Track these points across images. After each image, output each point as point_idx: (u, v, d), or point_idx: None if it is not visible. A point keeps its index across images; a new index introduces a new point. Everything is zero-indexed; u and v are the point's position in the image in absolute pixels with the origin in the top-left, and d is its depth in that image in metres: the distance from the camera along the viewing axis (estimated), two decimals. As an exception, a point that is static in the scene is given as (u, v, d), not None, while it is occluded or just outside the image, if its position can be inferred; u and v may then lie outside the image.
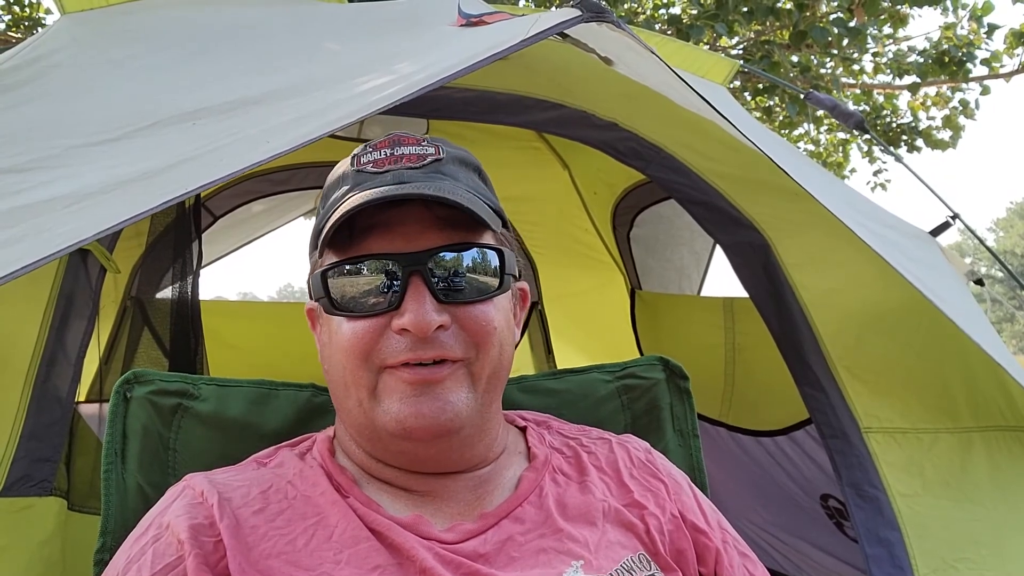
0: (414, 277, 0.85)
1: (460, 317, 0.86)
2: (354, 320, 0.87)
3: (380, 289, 0.86)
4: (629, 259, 3.43)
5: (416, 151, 0.92)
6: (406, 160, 0.91)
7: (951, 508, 1.84)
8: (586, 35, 1.54)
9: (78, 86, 1.46)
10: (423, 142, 0.93)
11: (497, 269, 0.90)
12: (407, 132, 0.94)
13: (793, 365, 2.00)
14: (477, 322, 0.87)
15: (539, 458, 0.98)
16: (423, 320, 0.83)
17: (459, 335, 0.86)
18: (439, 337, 0.84)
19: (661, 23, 5.80)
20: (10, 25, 5.70)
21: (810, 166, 2.48)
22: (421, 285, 0.84)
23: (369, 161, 0.91)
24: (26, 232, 1.01)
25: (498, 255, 0.90)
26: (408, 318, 0.83)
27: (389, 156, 0.91)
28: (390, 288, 0.85)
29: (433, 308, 0.84)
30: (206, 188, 1.05)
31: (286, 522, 0.85)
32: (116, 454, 1.03)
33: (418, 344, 0.84)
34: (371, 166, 0.91)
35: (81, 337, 1.54)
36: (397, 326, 0.84)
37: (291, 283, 69.92)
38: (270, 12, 1.86)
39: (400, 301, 0.85)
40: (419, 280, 0.85)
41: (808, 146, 8.05)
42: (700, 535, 0.97)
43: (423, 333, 0.83)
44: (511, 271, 0.92)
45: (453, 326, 0.86)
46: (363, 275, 0.86)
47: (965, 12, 6.01)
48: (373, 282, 0.86)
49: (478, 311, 0.87)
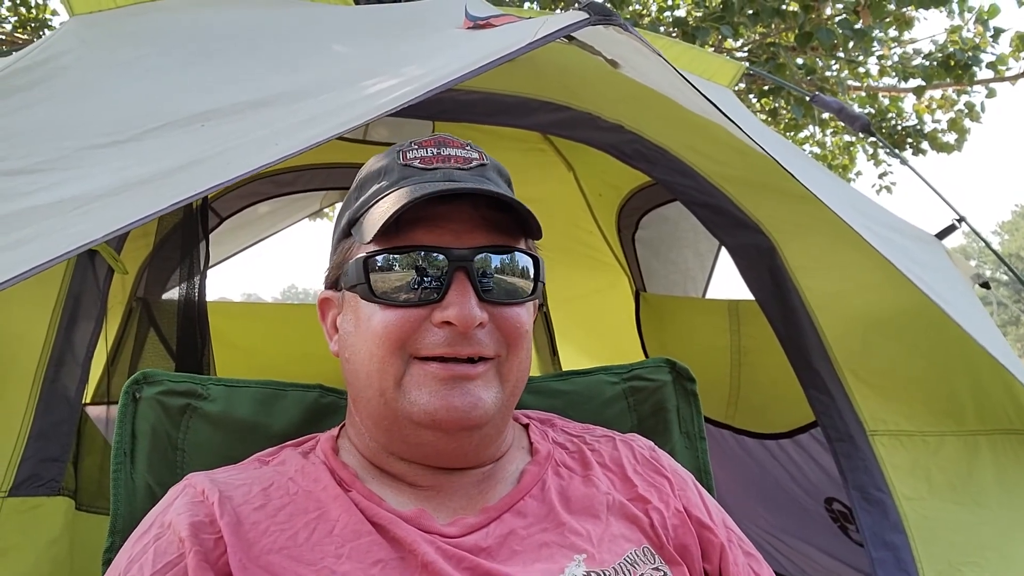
0: (459, 273, 0.87)
1: (497, 317, 0.89)
2: (393, 309, 0.88)
3: (423, 281, 0.87)
4: (634, 261, 3.43)
5: (463, 154, 0.95)
6: (454, 160, 0.93)
7: (957, 511, 1.84)
8: (593, 38, 1.54)
9: (87, 88, 1.46)
10: (467, 146, 0.96)
11: (532, 275, 0.92)
12: (451, 135, 0.97)
13: (799, 368, 2.00)
14: (511, 323, 0.89)
15: (542, 452, 0.99)
16: (468, 315, 0.85)
17: (494, 334, 0.88)
18: (476, 334, 0.86)
19: (666, 25, 5.80)
20: (16, 26, 5.72)
21: (815, 169, 2.48)
22: (466, 281, 0.86)
23: (416, 157, 0.93)
24: (36, 233, 1.02)
25: (534, 262, 0.93)
26: (453, 312, 0.85)
27: (437, 155, 0.93)
28: (436, 281, 0.87)
29: (476, 304, 0.86)
30: (215, 190, 1.06)
31: (287, 517, 0.86)
32: (125, 454, 1.04)
33: (457, 339, 0.86)
34: (419, 162, 0.93)
35: (89, 337, 1.55)
36: (439, 319, 0.86)
37: (295, 284, 70.00)
38: (278, 14, 1.86)
39: (444, 295, 0.86)
40: (464, 276, 0.87)
41: (814, 149, 8.04)
42: (705, 531, 0.98)
43: (467, 328, 0.85)
44: (542, 279, 0.95)
45: (490, 325, 0.88)
46: (408, 265, 0.88)
47: (971, 15, 6.00)
48: (418, 274, 0.87)
49: (513, 312, 0.90)
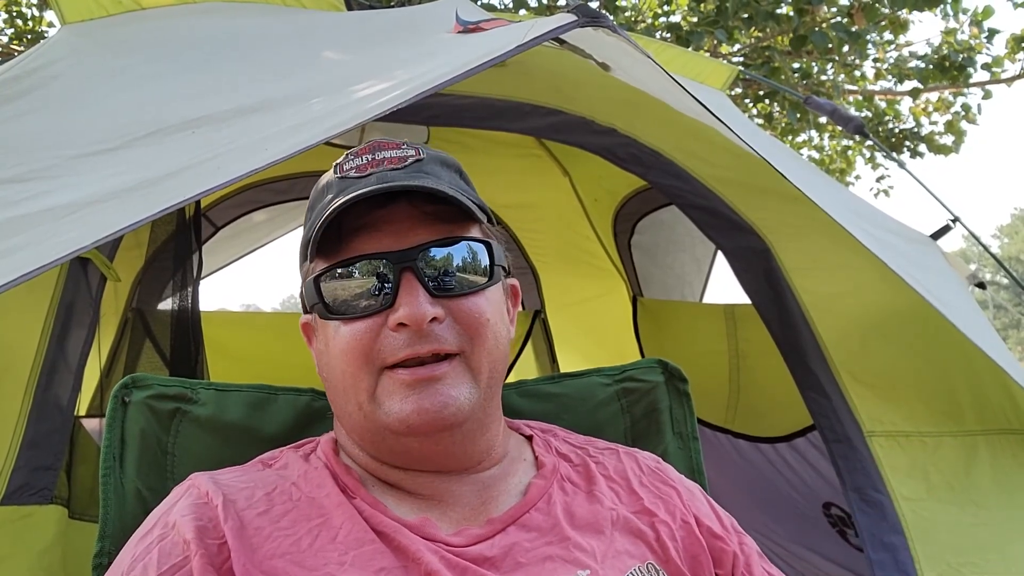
0: (406, 274, 0.86)
1: (453, 310, 0.88)
2: (350, 322, 0.88)
3: (373, 289, 0.87)
4: (630, 266, 3.43)
5: (397, 154, 0.93)
6: (388, 163, 0.92)
7: (956, 512, 1.84)
8: (582, 40, 1.54)
9: (78, 96, 1.46)
10: (403, 145, 0.95)
11: (486, 261, 0.91)
12: (387, 138, 0.96)
13: (795, 369, 2.00)
14: (470, 314, 0.88)
15: (547, 466, 0.98)
16: (418, 312, 0.84)
17: (453, 327, 0.87)
18: (434, 330, 0.86)
19: (661, 30, 5.81)
20: (12, 38, 5.74)
21: (810, 171, 2.48)
22: (413, 280, 0.86)
23: (352, 167, 0.93)
24: (28, 241, 1.02)
25: (486, 247, 0.92)
26: (403, 312, 0.84)
27: (371, 160, 0.92)
28: (383, 287, 0.86)
29: (427, 300, 0.85)
30: (205, 195, 1.06)
31: (291, 523, 0.85)
32: (114, 459, 1.03)
33: (415, 339, 0.85)
34: (354, 171, 0.92)
35: (82, 345, 1.54)
36: (393, 322, 0.85)
37: (294, 295, 69.92)
38: (268, 21, 1.87)
39: (394, 299, 0.86)
40: (411, 276, 0.86)
41: (811, 153, 8.05)
42: (716, 540, 0.97)
43: (418, 325, 0.84)
44: (500, 263, 0.94)
45: (447, 319, 0.87)
46: (355, 277, 0.87)
47: (966, 17, 6.02)
48: (366, 283, 0.87)
49: (470, 303, 0.89)
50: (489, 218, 0.96)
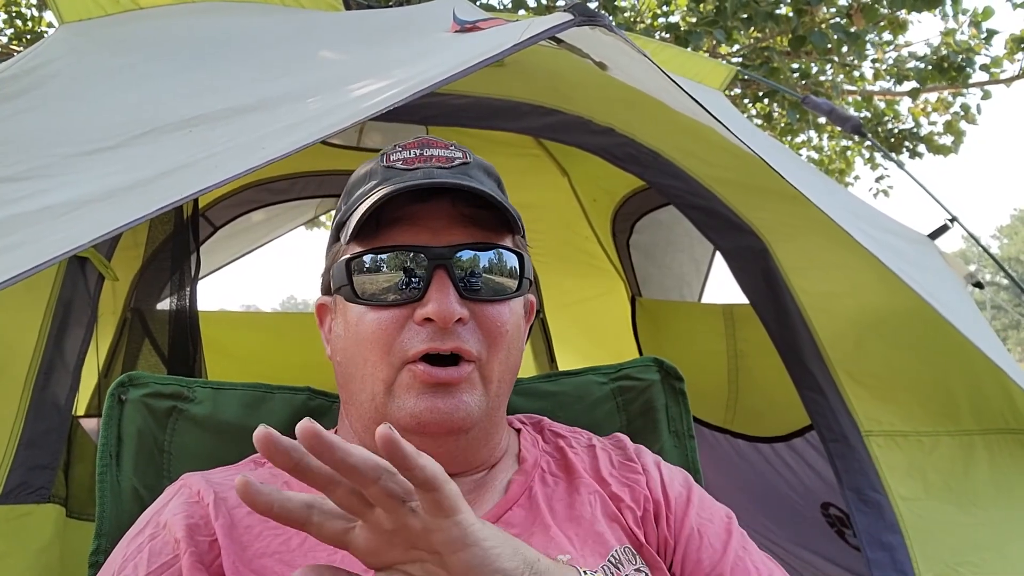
0: (438, 271, 0.87)
1: (478, 314, 0.89)
2: (377, 310, 0.88)
3: (404, 281, 0.88)
4: (629, 266, 3.43)
5: (445, 153, 0.95)
6: (435, 160, 0.93)
7: (953, 512, 1.84)
8: (579, 40, 1.55)
9: (75, 95, 1.46)
10: (451, 146, 0.96)
11: (516, 272, 0.92)
12: (436, 137, 0.97)
13: (793, 369, 2.00)
14: (493, 321, 0.89)
15: (528, 461, 1.00)
16: (447, 310, 0.85)
17: (475, 332, 0.88)
18: (457, 330, 0.86)
19: (660, 31, 5.81)
20: (12, 39, 5.74)
21: (808, 171, 2.48)
22: (445, 278, 0.87)
23: (399, 159, 0.94)
24: (24, 239, 1.02)
25: (518, 258, 0.93)
26: (432, 307, 0.85)
27: (419, 155, 0.94)
28: (413, 280, 0.87)
29: (456, 300, 0.86)
30: (202, 194, 1.06)
31: None
32: (111, 457, 1.04)
33: (437, 335, 0.86)
34: (401, 163, 0.93)
35: (79, 344, 1.54)
36: (420, 316, 0.86)
37: (294, 295, 69.98)
38: (266, 21, 1.87)
39: (424, 292, 0.87)
40: (443, 274, 0.87)
41: (811, 153, 8.05)
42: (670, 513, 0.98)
43: (445, 323, 0.85)
44: (528, 276, 0.95)
45: (471, 322, 0.88)
46: (388, 266, 0.88)
47: (965, 17, 6.02)
48: (397, 274, 0.88)
49: (495, 310, 0.90)
50: (522, 231, 0.97)
